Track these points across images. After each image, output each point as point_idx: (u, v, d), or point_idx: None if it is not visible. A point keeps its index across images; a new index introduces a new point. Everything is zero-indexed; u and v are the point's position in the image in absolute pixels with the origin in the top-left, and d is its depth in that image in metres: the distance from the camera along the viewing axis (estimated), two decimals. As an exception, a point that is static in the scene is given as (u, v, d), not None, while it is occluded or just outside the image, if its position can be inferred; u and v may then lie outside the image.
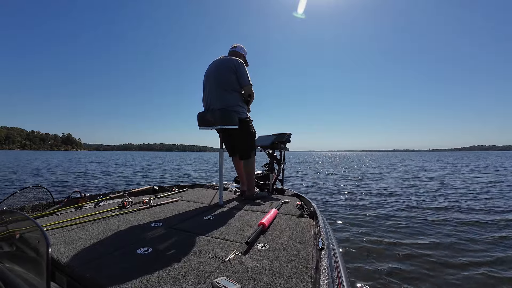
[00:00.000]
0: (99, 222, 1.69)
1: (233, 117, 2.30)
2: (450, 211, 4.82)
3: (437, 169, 16.43)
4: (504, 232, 3.60)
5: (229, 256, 1.14)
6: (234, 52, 2.65)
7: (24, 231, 0.78)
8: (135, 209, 2.04)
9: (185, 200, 2.48)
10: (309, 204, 2.13)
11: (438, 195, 6.62)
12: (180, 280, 0.94)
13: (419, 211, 4.85)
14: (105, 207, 2.09)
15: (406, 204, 5.49)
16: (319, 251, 1.06)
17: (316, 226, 1.58)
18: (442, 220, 4.18)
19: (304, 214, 1.87)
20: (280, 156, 3.23)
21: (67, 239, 1.36)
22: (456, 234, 3.52)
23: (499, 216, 4.45)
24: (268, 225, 1.56)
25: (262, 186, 3.04)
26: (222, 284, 0.88)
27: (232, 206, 2.22)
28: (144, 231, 1.52)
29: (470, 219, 4.26)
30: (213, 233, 1.49)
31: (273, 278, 0.95)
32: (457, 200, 5.93)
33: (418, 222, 4.09)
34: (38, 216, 1.82)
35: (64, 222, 1.65)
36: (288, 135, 3.14)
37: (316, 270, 0.97)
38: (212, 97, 2.40)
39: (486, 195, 6.57)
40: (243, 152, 2.57)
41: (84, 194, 2.26)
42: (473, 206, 5.27)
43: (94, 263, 1.07)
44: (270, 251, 1.21)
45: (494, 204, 5.47)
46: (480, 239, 3.31)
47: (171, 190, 2.90)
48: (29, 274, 0.67)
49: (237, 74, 2.40)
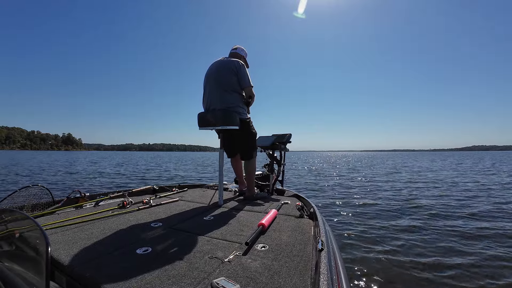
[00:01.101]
0: (99, 222, 1.69)
1: (234, 117, 2.30)
2: (465, 214, 4.81)
3: (443, 168, 16.21)
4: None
5: (228, 257, 1.14)
6: (234, 54, 2.65)
7: (23, 230, 0.78)
8: (135, 209, 2.04)
9: (185, 200, 2.48)
10: (309, 205, 2.13)
11: (442, 194, 6.61)
12: (180, 280, 0.94)
13: (421, 212, 4.86)
14: (105, 207, 2.09)
15: (416, 207, 5.43)
16: (319, 252, 1.06)
17: (315, 227, 1.58)
18: (450, 226, 4.17)
19: (304, 215, 1.87)
20: (280, 157, 3.23)
21: (67, 238, 1.36)
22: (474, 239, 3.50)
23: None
24: (267, 225, 1.56)
25: (262, 186, 3.04)
26: (222, 284, 0.88)
27: (232, 206, 2.22)
28: (143, 231, 1.52)
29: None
30: (213, 233, 1.49)
31: (272, 278, 0.95)
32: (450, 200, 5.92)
33: (422, 224, 4.08)
34: (38, 215, 1.82)
35: (63, 221, 1.65)
36: (288, 136, 3.14)
37: (316, 271, 0.97)
38: (212, 97, 2.40)
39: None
40: (245, 153, 2.57)
41: (84, 194, 2.26)
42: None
43: (94, 262, 1.07)
44: (270, 251, 1.21)
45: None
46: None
47: (171, 190, 2.90)
48: (28, 273, 0.68)
49: (238, 75, 2.40)
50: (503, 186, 8.27)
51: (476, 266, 2.63)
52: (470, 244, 3.21)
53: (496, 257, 2.82)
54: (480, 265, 2.65)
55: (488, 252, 2.96)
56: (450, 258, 2.80)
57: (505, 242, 3.29)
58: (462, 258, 2.79)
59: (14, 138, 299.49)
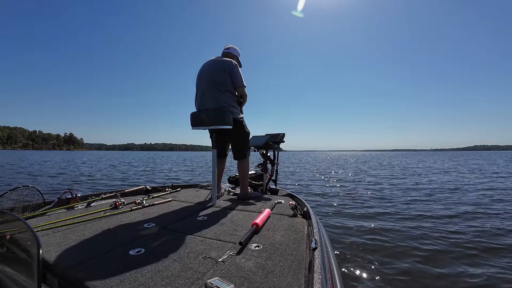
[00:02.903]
0: (91, 223, 1.67)
1: (228, 117, 2.30)
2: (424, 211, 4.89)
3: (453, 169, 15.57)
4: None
5: (222, 257, 1.14)
6: (227, 53, 2.65)
7: (14, 232, 0.77)
8: (128, 209, 2.02)
9: (178, 200, 2.47)
10: (303, 204, 2.15)
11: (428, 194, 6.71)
12: (173, 281, 0.94)
13: (411, 212, 4.93)
14: (97, 208, 2.06)
15: (406, 206, 5.46)
16: (312, 251, 1.08)
17: (309, 226, 1.60)
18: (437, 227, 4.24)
19: (298, 214, 1.89)
20: (274, 156, 3.25)
21: (58, 240, 1.34)
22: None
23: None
24: (261, 225, 1.57)
25: (255, 186, 3.05)
26: (216, 284, 0.88)
27: (226, 206, 2.22)
28: (136, 231, 1.51)
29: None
30: (207, 233, 1.49)
31: (266, 278, 0.96)
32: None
33: (415, 225, 4.14)
34: (29, 216, 1.78)
35: (55, 223, 1.63)
36: (281, 136, 3.15)
37: (310, 270, 0.98)
38: (206, 97, 2.39)
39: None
40: (239, 152, 2.57)
41: (75, 195, 2.23)
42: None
43: (86, 264, 1.06)
44: (264, 251, 1.22)
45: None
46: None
47: (164, 190, 2.88)
48: (19, 275, 0.67)
49: (231, 75, 2.40)
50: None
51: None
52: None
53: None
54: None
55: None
56: (448, 261, 2.77)
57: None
58: (462, 266, 2.76)
59: (16, 138, 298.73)
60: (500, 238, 3.39)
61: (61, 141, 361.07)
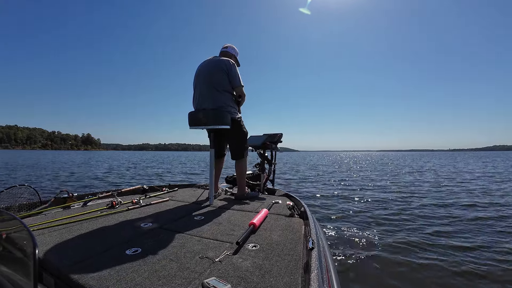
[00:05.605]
0: (87, 222, 1.66)
1: (226, 117, 2.30)
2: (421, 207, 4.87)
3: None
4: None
5: (219, 256, 1.14)
6: (225, 53, 2.64)
7: (10, 231, 0.77)
8: (124, 209, 2.02)
9: (175, 200, 2.46)
10: (300, 204, 2.16)
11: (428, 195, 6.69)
12: (170, 281, 0.94)
13: (409, 209, 4.95)
14: (93, 207, 2.05)
15: (405, 204, 5.48)
16: (309, 251, 1.08)
17: (306, 226, 1.60)
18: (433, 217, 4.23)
19: (295, 214, 1.89)
20: (271, 156, 3.25)
21: (55, 239, 1.33)
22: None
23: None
24: (258, 225, 1.57)
25: (253, 186, 3.05)
26: (213, 284, 0.88)
27: (223, 206, 2.22)
28: (133, 231, 1.50)
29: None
30: (204, 233, 1.49)
31: (263, 278, 0.97)
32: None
33: (409, 221, 4.16)
34: (25, 216, 1.78)
35: (51, 222, 1.62)
36: (279, 136, 3.16)
37: (306, 270, 0.99)
38: (203, 97, 2.39)
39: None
40: (236, 152, 2.57)
41: (72, 194, 2.22)
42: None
43: (82, 264, 1.06)
44: (261, 251, 1.22)
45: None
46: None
47: (161, 190, 2.87)
48: (16, 275, 0.66)
49: (228, 75, 2.39)
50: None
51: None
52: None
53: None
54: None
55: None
56: (447, 260, 2.75)
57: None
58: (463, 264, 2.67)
59: (35, 138, 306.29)
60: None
61: (79, 141, 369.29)
